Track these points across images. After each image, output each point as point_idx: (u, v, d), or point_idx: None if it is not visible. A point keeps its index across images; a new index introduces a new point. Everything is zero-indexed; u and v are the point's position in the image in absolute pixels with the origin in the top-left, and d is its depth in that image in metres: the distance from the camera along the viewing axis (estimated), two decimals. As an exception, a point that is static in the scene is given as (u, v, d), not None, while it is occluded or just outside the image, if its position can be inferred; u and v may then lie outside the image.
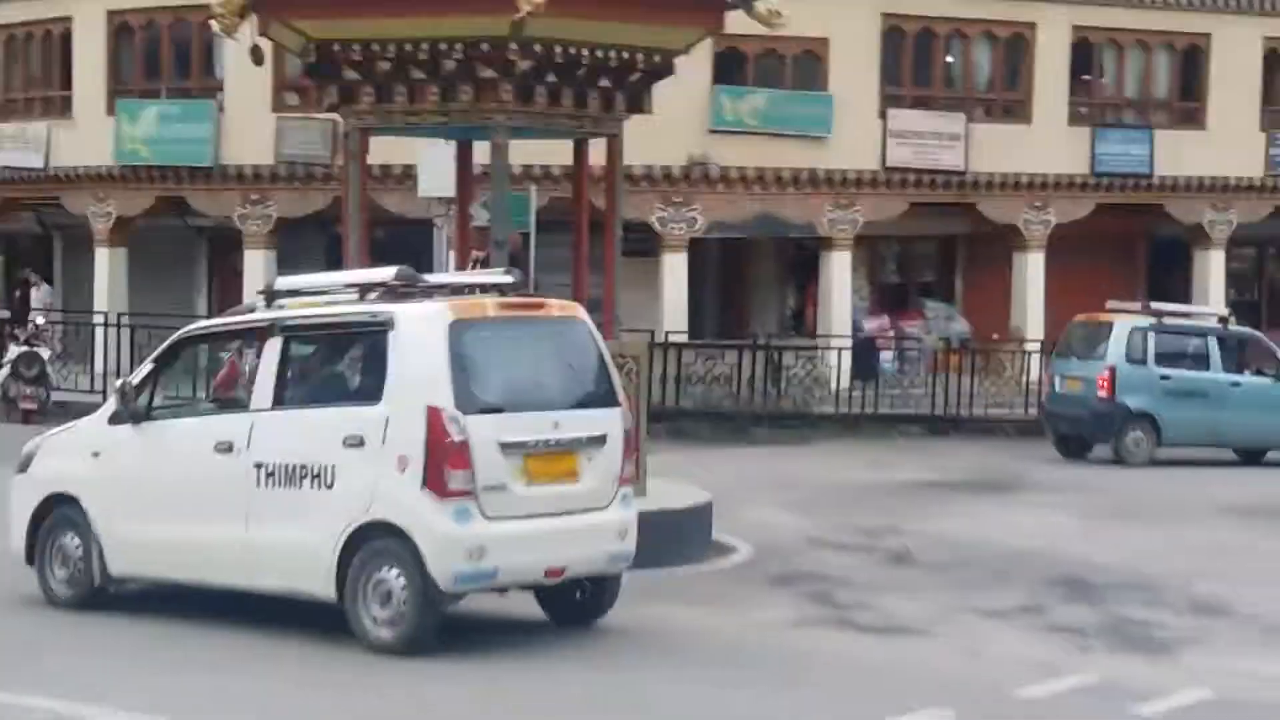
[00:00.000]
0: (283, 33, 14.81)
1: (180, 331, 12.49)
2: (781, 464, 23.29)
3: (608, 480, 11.14)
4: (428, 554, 10.33)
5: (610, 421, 11.18)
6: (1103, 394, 24.18)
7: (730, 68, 30.22)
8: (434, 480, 10.34)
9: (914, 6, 31.32)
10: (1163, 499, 20.37)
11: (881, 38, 31.14)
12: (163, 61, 31.14)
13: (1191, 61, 33.99)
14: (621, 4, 14.53)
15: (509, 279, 11.51)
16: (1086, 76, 33.43)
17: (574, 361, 11.37)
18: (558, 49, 14.26)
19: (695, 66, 24.03)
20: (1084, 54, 33.10)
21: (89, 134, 31.06)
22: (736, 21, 15.34)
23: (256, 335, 11.78)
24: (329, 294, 11.53)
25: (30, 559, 12.11)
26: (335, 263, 29.22)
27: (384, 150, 25.40)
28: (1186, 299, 31.60)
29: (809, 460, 23.89)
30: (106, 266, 31.36)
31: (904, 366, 31.38)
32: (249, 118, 29.62)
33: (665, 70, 15.29)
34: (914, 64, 31.85)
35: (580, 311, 11.69)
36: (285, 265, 31.09)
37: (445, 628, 10.71)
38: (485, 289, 11.41)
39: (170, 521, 11.42)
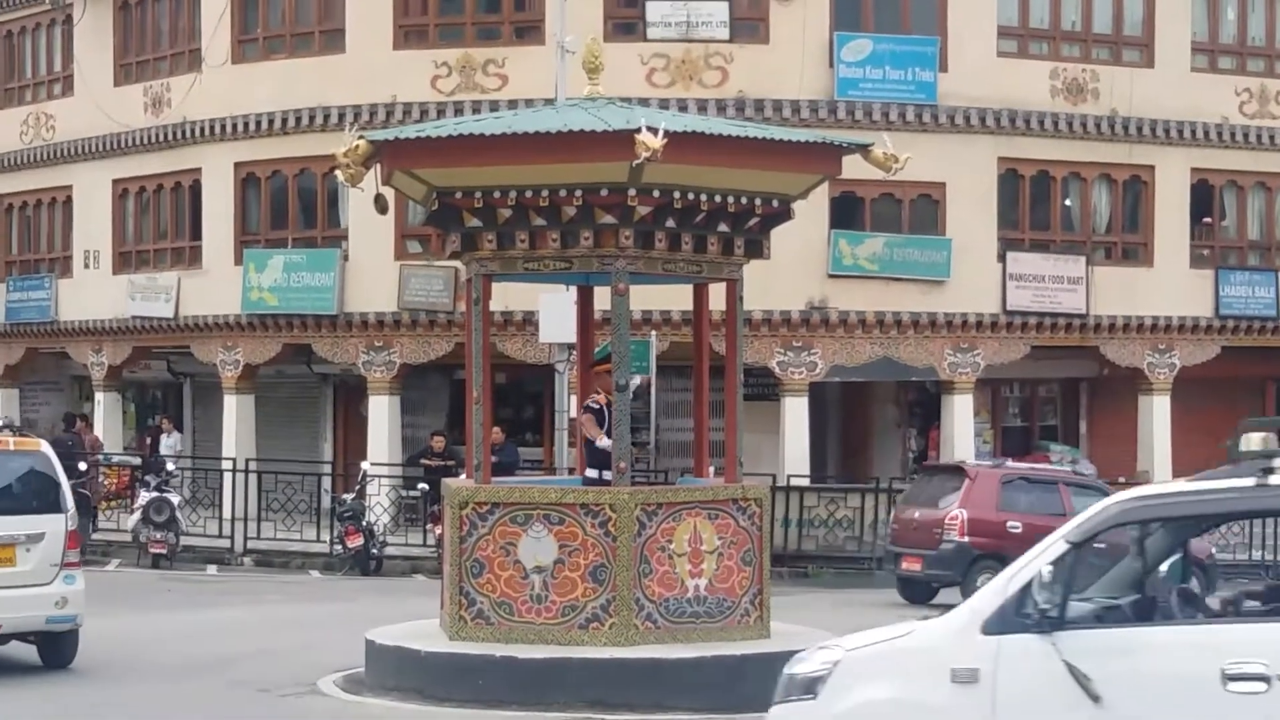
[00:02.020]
0: (405, 181, 15.05)
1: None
2: (905, 607, 23.07)
3: (47, 564, 15.05)
4: None
5: (51, 523, 15.13)
6: None
7: (848, 212, 30.26)
8: None
9: (1030, 150, 31.16)
10: None
11: (998, 181, 31.08)
12: (289, 211, 31.67)
13: (1315, 202, 33.80)
14: (739, 149, 14.59)
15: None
16: (1207, 219, 33.21)
17: (21, 480, 15.29)
18: (676, 194, 14.33)
19: (813, 211, 24.20)
20: (1204, 196, 32.92)
21: (217, 283, 31.61)
22: (853, 166, 15.37)
23: None
24: None
25: None
26: (459, 407, 29.72)
27: (505, 297, 25.90)
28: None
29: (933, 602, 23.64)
30: (234, 413, 31.76)
31: (1028, 509, 31.04)
32: (373, 265, 30.00)
33: (783, 215, 15.33)
34: (1031, 207, 31.73)
35: (42, 445, 15.69)
36: (409, 410, 31.49)
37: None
38: None
39: None
